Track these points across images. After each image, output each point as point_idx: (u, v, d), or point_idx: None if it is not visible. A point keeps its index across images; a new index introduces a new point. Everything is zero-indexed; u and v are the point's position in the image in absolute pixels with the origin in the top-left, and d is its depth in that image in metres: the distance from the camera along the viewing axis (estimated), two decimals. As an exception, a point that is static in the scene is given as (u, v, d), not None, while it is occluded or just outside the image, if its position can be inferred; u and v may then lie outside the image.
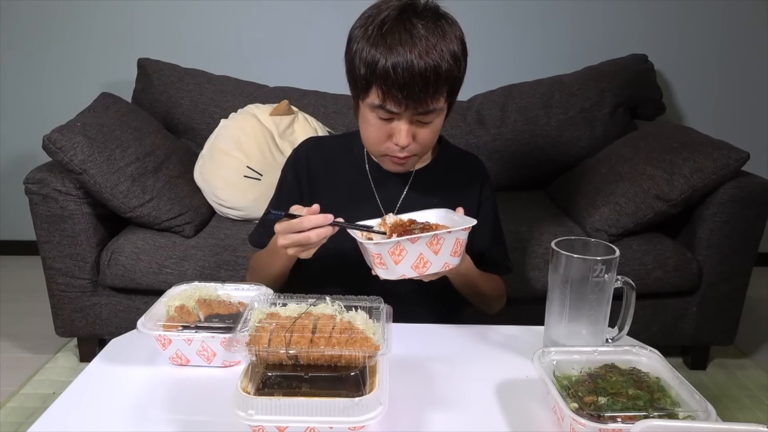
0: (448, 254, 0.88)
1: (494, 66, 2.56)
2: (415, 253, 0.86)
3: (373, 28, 0.96)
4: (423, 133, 1.02)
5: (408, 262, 0.86)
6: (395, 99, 0.95)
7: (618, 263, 0.85)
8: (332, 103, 2.32)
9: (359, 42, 0.98)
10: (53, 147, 1.68)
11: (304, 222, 0.89)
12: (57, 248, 1.79)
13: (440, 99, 0.98)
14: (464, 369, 0.90)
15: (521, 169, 2.32)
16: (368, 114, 1.01)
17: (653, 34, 2.56)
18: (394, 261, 0.86)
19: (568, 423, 0.70)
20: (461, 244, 0.89)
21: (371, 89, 0.98)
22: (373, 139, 1.04)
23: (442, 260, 0.88)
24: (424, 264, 0.87)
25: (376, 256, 0.87)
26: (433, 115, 1.00)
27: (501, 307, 1.24)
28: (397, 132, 1.00)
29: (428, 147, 1.07)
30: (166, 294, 0.94)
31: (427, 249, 0.86)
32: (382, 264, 0.87)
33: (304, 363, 0.72)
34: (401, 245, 0.85)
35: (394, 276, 0.88)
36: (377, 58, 0.94)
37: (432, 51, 0.94)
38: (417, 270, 0.88)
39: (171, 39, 2.57)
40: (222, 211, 1.97)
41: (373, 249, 0.86)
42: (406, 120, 0.99)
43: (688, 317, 1.88)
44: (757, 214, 1.79)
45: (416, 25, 0.95)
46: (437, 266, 0.88)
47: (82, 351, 1.99)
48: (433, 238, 0.85)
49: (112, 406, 0.79)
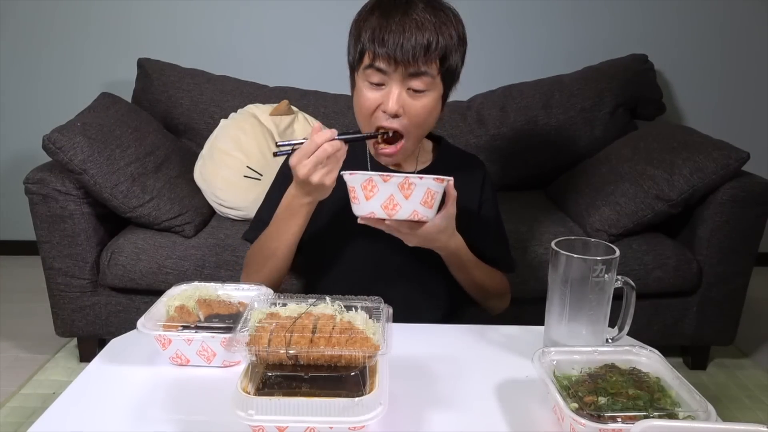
0: (419, 202, 0.89)
1: (494, 66, 2.56)
2: (385, 193, 0.88)
3: (371, 4, 1.01)
4: (415, 106, 1.01)
5: (378, 201, 0.89)
6: (385, 56, 0.96)
7: (618, 263, 0.85)
8: (332, 103, 2.32)
9: (357, 21, 1.01)
10: (53, 147, 1.68)
11: (316, 139, 0.92)
12: (57, 248, 1.79)
13: (432, 65, 0.98)
14: (464, 369, 0.89)
15: (521, 169, 2.32)
16: (361, 83, 1.02)
17: (653, 34, 2.56)
18: (365, 196, 0.89)
19: (568, 423, 0.70)
20: (433, 196, 0.90)
21: (365, 54, 0.99)
22: (363, 110, 1.04)
23: (411, 206, 0.89)
24: (393, 206, 0.89)
25: (351, 190, 0.91)
26: (424, 80, 0.99)
27: (504, 307, 1.23)
28: (386, 98, 1.00)
29: (418, 127, 1.05)
30: (166, 294, 0.94)
31: (397, 191, 0.88)
32: (355, 198, 0.91)
33: (304, 363, 0.72)
34: (373, 181, 0.88)
35: (364, 212, 0.91)
36: (371, 23, 0.98)
37: (428, 20, 0.97)
38: (386, 210, 0.90)
39: (171, 39, 2.57)
40: (222, 211, 1.97)
41: (348, 180, 0.91)
42: (397, 83, 0.99)
43: (688, 317, 1.88)
44: (757, 214, 1.79)
45: (417, 4, 0.98)
46: (407, 211, 0.90)
47: (82, 351, 1.99)
48: (404, 180, 0.87)
49: (112, 406, 0.79)
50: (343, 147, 0.95)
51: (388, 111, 1.00)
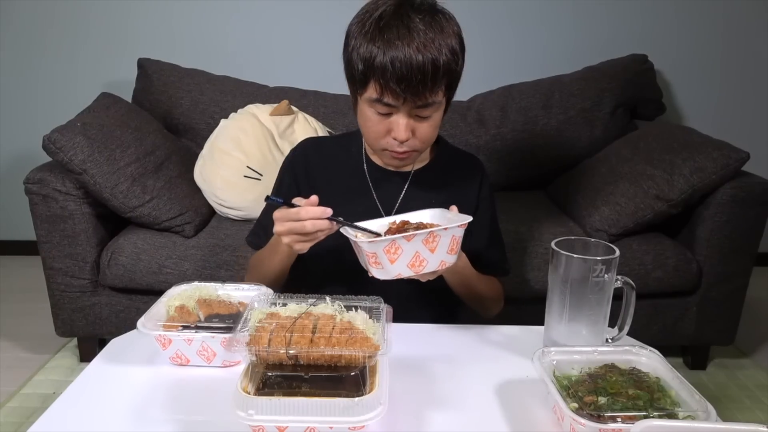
0: (445, 252, 0.88)
1: (494, 66, 2.56)
2: (411, 252, 0.85)
3: (371, 23, 0.96)
4: (422, 127, 1.01)
5: (404, 261, 0.86)
6: (393, 92, 0.95)
7: (618, 263, 0.85)
8: (332, 103, 2.32)
9: (356, 38, 0.98)
10: (53, 147, 1.68)
11: (302, 212, 0.90)
12: (57, 248, 1.79)
13: (438, 93, 0.98)
14: (464, 369, 0.90)
15: (521, 169, 2.32)
16: (366, 109, 1.01)
17: (653, 34, 2.56)
18: (389, 260, 0.85)
19: (568, 423, 0.70)
20: (457, 242, 0.89)
21: (369, 84, 0.97)
22: (372, 135, 1.04)
23: (438, 258, 0.87)
24: (420, 262, 0.87)
25: (371, 255, 0.86)
26: (431, 108, 0.99)
27: (498, 310, 1.23)
28: (395, 126, 0.99)
29: (428, 142, 1.06)
30: (166, 294, 0.94)
31: (423, 247, 0.86)
32: (378, 264, 0.86)
33: (304, 363, 0.72)
34: (396, 243, 0.84)
35: (390, 276, 0.87)
36: (375, 52, 0.94)
37: (430, 45, 0.94)
38: (413, 269, 0.87)
39: (171, 39, 2.57)
40: (222, 211, 1.97)
41: (367, 248, 0.85)
42: (404, 114, 0.99)
43: (688, 317, 1.88)
44: (757, 214, 1.79)
45: (413, 19, 0.95)
46: (434, 264, 0.88)
47: (82, 351, 1.99)
48: (429, 235, 0.85)
49: (112, 406, 0.79)
50: (331, 227, 0.92)
51: (399, 139, 1.00)
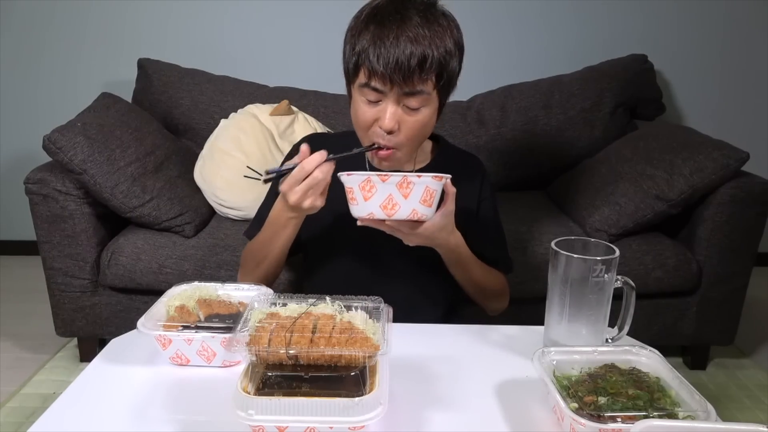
0: (418, 201, 0.89)
1: (494, 66, 2.56)
2: (384, 193, 0.88)
3: (366, 14, 0.99)
4: (410, 122, 1.01)
5: (377, 201, 0.89)
6: (381, 76, 0.95)
7: (618, 263, 0.85)
8: (332, 103, 2.32)
9: (352, 29, 1.00)
10: (53, 147, 1.68)
11: (305, 165, 0.93)
12: (57, 248, 1.79)
13: (428, 82, 0.97)
14: (464, 369, 0.90)
15: (521, 169, 2.32)
16: (357, 97, 1.02)
17: (653, 34, 2.56)
18: (363, 197, 0.89)
19: (568, 423, 0.70)
20: (432, 194, 0.90)
21: (360, 70, 0.99)
22: (360, 124, 1.04)
23: (410, 206, 0.89)
24: (392, 206, 0.89)
25: (349, 191, 0.91)
26: (420, 98, 0.99)
27: (503, 307, 1.23)
28: (382, 114, 1.00)
29: (414, 141, 1.04)
30: (166, 294, 0.94)
31: (396, 191, 0.88)
32: (353, 199, 0.91)
33: (304, 363, 0.72)
34: (371, 181, 0.88)
35: (363, 213, 0.91)
36: (366, 37, 0.97)
37: (423, 35, 0.95)
38: (385, 210, 0.89)
39: (171, 39, 2.57)
40: (222, 211, 1.97)
41: (345, 180, 0.91)
42: (392, 101, 0.99)
43: (688, 317, 1.88)
44: (757, 214, 1.79)
45: (409, 10, 0.97)
46: (406, 211, 0.90)
47: (82, 351, 1.99)
48: (402, 179, 0.87)
49: (112, 406, 0.79)
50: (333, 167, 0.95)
51: (384, 128, 1.00)
